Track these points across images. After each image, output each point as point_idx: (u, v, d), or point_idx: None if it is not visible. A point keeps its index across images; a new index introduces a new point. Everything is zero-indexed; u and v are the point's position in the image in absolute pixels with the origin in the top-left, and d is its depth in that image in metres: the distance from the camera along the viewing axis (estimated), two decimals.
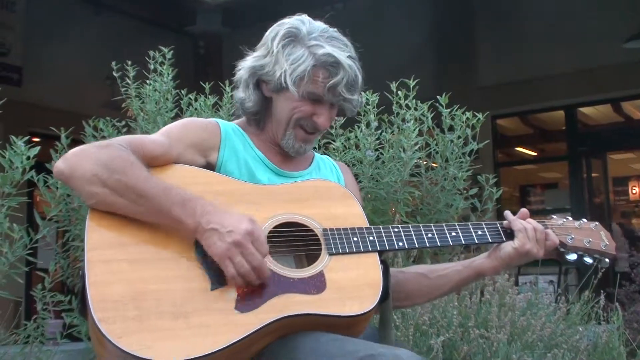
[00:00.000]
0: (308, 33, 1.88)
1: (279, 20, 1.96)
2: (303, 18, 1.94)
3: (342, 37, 1.93)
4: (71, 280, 3.38)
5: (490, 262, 1.96)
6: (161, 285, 1.59)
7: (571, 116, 10.36)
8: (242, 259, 1.59)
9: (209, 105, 3.69)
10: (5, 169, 2.89)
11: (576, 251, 2.01)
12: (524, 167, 12.08)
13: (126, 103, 3.71)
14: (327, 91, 1.86)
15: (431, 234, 1.89)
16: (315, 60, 1.84)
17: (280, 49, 1.88)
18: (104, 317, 1.51)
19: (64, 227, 3.40)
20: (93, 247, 1.62)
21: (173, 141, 1.84)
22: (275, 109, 1.95)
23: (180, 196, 1.65)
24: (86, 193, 1.66)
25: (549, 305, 3.79)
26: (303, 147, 1.97)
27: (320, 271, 1.71)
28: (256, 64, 1.93)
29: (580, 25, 9.28)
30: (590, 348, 3.64)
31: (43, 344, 3.20)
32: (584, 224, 2.05)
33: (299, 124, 1.92)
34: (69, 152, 1.72)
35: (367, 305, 1.67)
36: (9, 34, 9.44)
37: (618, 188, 11.52)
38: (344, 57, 1.84)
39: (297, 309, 1.62)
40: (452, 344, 3.22)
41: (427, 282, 2.02)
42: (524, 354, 3.21)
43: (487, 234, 1.94)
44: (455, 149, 3.57)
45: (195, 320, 1.55)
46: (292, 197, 1.84)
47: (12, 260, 2.92)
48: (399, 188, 3.50)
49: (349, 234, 1.79)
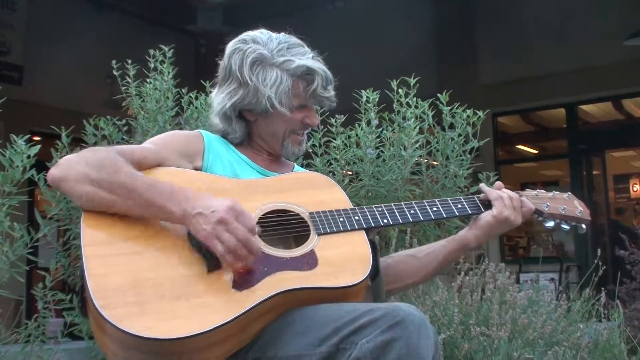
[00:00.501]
0: (271, 52, 1.97)
1: (236, 40, 2.07)
2: (255, 37, 2.02)
3: (296, 40, 2.03)
4: (72, 279, 3.38)
5: (472, 232, 2.05)
6: (158, 272, 1.63)
7: (572, 114, 10.35)
8: (228, 235, 1.63)
9: (210, 104, 3.68)
10: (5, 167, 2.89)
11: (553, 218, 2.12)
12: (524, 164, 12.09)
13: (127, 102, 3.71)
14: (310, 97, 2.00)
15: (413, 210, 1.97)
16: (291, 76, 1.95)
17: (254, 78, 1.96)
18: (105, 303, 1.54)
19: (65, 225, 3.40)
20: (89, 243, 1.66)
21: (160, 148, 1.93)
22: (265, 128, 2.06)
23: (168, 187, 1.71)
24: (77, 193, 1.72)
25: (550, 302, 3.79)
26: (300, 148, 2.11)
27: (311, 250, 1.78)
28: (235, 98, 2.00)
29: (581, 23, 9.28)
30: (591, 345, 3.64)
31: (44, 343, 3.20)
32: (557, 194, 2.17)
33: (293, 132, 2.06)
34: (61, 159, 1.79)
35: (359, 276, 1.74)
36: (9, 33, 9.44)
37: (619, 186, 11.52)
38: (311, 62, 1.97)
39: (293, 284, 1.68)
40: (453, 341, 3.22)
41: (415, 262, 2.11)
42: (524, 351, 3.21)
43: (466, 207, 2.03)
44: (456, 146, 3.57)
45: (196, 301, 1.59)
46: (276, 188, 1.92)
47: (12, 259, 2.92)
48: (400, 186, 3.50)
49: (334, 215, 1.87)
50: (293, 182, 1.97)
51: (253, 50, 1.97)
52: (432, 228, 3.57)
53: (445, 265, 2.15)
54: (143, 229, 1.72)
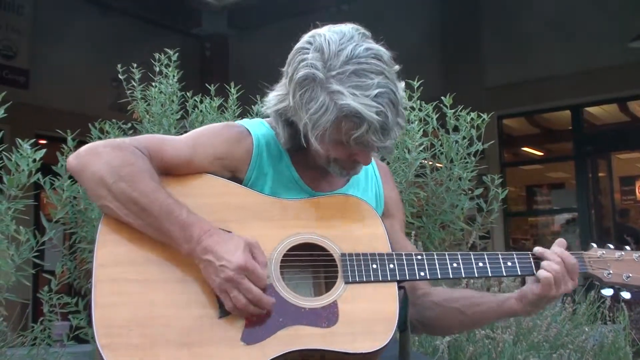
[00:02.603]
0: (327, 70, 1.63)
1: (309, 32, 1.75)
2: (324, 42, 1.66)
3: (373, 58, 1.67)
4: (78, 282, 3.39)
5: (520, 306, 1.82)
6: (169, 310, 1.57)
7: (577, 116, 10.33)
8: (238, 294, 1.56)
9: (215, 107, 3.70)
10: (11, 171, 2.90)
11: (613, 286, 1.86)
12: (530, 167, 12.05)
13: (132, 105, 3.72)
14: (354, 142, 1.66)
15: (456, 263, 1.76)
16: (337, 111, 1.61)
17: (297, 98, 1.67)
18: (107, 343, 1.50)
19: (71, 229, 3.41)
20: (102, 263, 1.60)
21: (199, 151, 1.76)
22: (312, 146, 1.75)
23: (181, 219, 1.60)
24: (94, 194, 1.65)
25: (555, 305, 3.79)
26: (352, 173, 1.84)
27: (334, 301, 1.65)
28: (279, 106, 1.77)
29: (586, 25, 9.27)
30: (597, 348, 3.63)
31: (50, 346, 3.20)
32: (625, 254, 1.87)
33: (339, 162, 1.77)
34: (82, 148, 1.70)
35: (379, 343, 1.61)
36: (16, 36, 9.48)
37: (625, 188, 11.48)
38: (366, 105, 1.60)
39: (305, 344, 1.58)
40: (458, 344, 3.22)
41: (464, 319, 1.93)
42: (529, 354, 3.21)
43: (517, 266, 1.79)
44: (460, 149, 3.57)
45: (200, 351, 1.53)
46: (313, 215, 1.77)
47: (18, 262, 2.92)
48: (404, 189, 3.49)
49: (368, 260, 1.70)
50: (332, 209, 1.78)
51: (309, 64, 1.65)
52: (436, 231, 3.56)
53: (489, 323, 2.03)
54: (161, 252, 1.63)
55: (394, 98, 1.65)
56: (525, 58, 9.82)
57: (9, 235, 2.90)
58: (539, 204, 11.86)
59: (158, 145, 1.74)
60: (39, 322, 3.17)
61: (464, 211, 3.58)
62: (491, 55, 10.37)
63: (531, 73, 9.87)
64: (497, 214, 3.59)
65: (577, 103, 10.13)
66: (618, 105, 10.34)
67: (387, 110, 1.62)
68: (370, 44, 1.70)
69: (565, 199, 11.18)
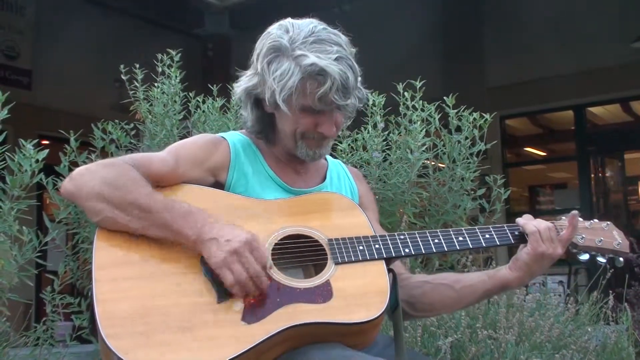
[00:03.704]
0: (291, 42, 1.79)
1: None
2: (287, 24, 1.85)
3: (332, 34, 1.83)
4: (81, 282, 3.40)
5: (512, 273, 1.91)
6: (168, 300, 1.60)
7: (580, 116, 10.33)
8: (240, 267, 1.61)
9: (217, 108, 3.71)
10: (14, 172, 2.90)
11: (588, 251, 1.97)
12: (533, 167, 12.05)
13: (134, 106, 3.73)
14: (318, 101, 1.78)
15: (437, 239, 1.86)
16: (302, 73, 1.75)
17: (265, 67, 1.81)
18: (111, 333, 1.53)
19: (74, 229, 3.41)
20: (100, 266, 1.64)
21: (181, 160, 1.84)
22: (279, 124, 1.91)
23: (183, 209, 1.68)
24: (92, 210, 1.69)
25: (557, 305, 3.78)
26: (318, 152, 1.92)
27: (327, 280, 1.70)
28: (248, 84, 1.89)
29: (588, 25, 9.26)
30: (599, 349, 3.63)
31: (53, 346, 3.21)
32: (594, 223, 2.01)
33: (306, 136, 1.87)
34: (75, 171, 1.76)
35: (374, 312, 1.66)
36: (18, 37, 9.50)
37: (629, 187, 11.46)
38: (329, 62, 1.74)
39: (304, 318, 1.62)
40: (460, 345, 3.22)
41: (451, 293, 1.97)
42: (532, 354, 3.21)
43: (494, 237, 1.90)
44: (463, 149, 3.57)
45: (202, 333, 1.56)
46: (296, 210, 1.85)
47: (21, 262, 2.93)
48: (407, 189, 3.49)
49: (354, 242, 1.78)
50: (314, 204, 1.88)
51: (274, 38, 1.81)
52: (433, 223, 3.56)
53: (481, 300, 2.03)
54: (157, 251, 1.68)
55: (352, 65, 1.80)
56: (527, 58, 9.82)
57: (11, 235, 2.91)
58: (542, 204, 11.86)
59: (145, 159, 1.82)
60: (41, 322, 3.18)
61: (467, 211, 3.58)
62: (493, 55, 10.37)
63: (533, 73, 9.86)
64: (499, 214, 3.59)
65: (579, 103, 10.13)
66: (621, 105, 10.34)
67: (347, 72, 1.77)
68: (329, 29, 1.86)
69: (568, 199, 11.17)
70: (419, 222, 3.52)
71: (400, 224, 3.38)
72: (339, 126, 1.91)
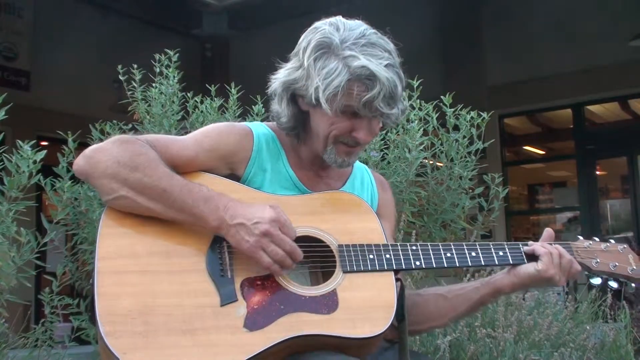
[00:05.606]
0: (342, 42, 1.73)
1: (313, 24, 1.83)
2: (337, 22, 1.79)
3: (382, 40, 1.77)
4: (79, 283, 3.40)
5: (509, 279, 1.88)
6: (171, 299, 1.58)
7: (578, 114, 10.33)
8: (274, 247, 1.62)
9: (215, 108, 3.70)
10: (12, 173, 2.90)
11: (601, 275, 1.93)
12: (531, 165, 12.06)
13: (133, 106, 3.73)
14: (363, 106, 1.72)
15: (450, 253, 1.81)
16: (350, 74, 1.69)
17: (312, 63, 1.74)
18: (110, 330, 1.52)
19: (72, 230, 3.41)
20: (104, 256, 1.61)
21: (203, 150, 1.80)
22: (312, 124, 1.84)
23: (203, 193, 1.66)
24: (106, 189, 1.65)
25: (556, 303, 3.79)
26: (346, 160, 1.86)
27: (333, 289, 1.68)
28: (289, 77, 1.81)
29: (586, 24, 9.27)
30: (598, 347, 3.64)
31: (52, 348, 3.21)
32: (610, 246, 1.96)
33: (339, 140, 1.81)
34: (89, 148, 1.71)
35: (378, 328, 1.64)
36: (17, 38, 9.51)
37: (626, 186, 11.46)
38: (380, 68, 1.69)
39: (306, 329, 1.60)
40: (459, 343, 3.22)
41: (444, 303, 1.95)
42: (530, 353, 3.21)
43: (508, 255, 1.85)
44: (461, 148, 3.57)
45: (203, 338, 1.55)
46: (310, 209, 1.81)
47: (20, 264, 2.93)
48: (405, 188, 3.50)
49: (364, 251, 1.74)
50: (328, 204, 1.83)
51: (324, 34, 1.75)
52: (437, 230, 3.57)
53: (475, 309, 1.99)
54: (164, 243, 1.66)
55: (400, 75, 1.75)
56: (526, 56, 9.83)
57: (10, 236, 2.91)
58: (541, 203, 11.87)
59: (164, 142, 1.77)
60: (40, 323, 3.18)
61: (465, 210, 3.59)
62: (492, 54, 10.37)
63: (532, 71, 9.87)
64: (497, 213, 3.59)
65: (578, 102, 10.13)
66: (619, 103, 10.34)
67: (396, 80, 1.72)
68: (379, 34, 1.80)
69: (567, 197, 11.19)
70: (418, 221, 3.52)
71: (398, 222, 3.38)
72: (375, 135, 1.85)
